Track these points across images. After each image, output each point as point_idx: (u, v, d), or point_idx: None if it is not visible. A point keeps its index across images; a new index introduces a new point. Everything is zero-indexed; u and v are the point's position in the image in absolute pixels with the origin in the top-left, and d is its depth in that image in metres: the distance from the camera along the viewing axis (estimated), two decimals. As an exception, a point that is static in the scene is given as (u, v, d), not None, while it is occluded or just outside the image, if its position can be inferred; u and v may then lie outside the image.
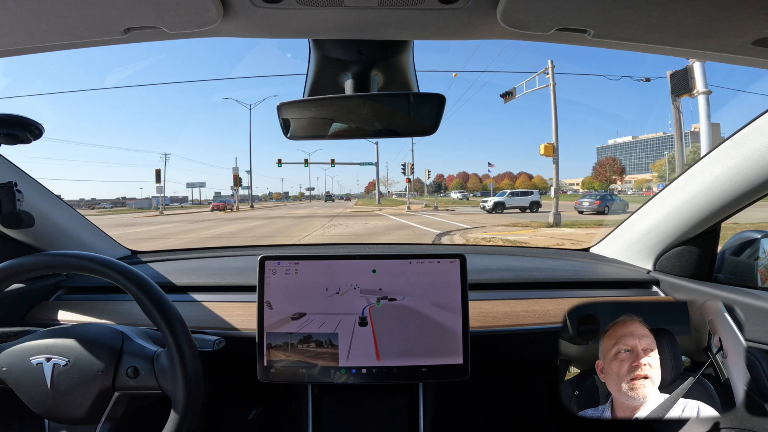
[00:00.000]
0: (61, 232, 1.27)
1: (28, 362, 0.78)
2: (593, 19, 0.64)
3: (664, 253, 1.26)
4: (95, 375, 0.77)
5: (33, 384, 0.78)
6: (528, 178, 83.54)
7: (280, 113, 0.85)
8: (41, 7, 0.59)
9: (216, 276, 1.27)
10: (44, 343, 0.80)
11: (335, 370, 0.97)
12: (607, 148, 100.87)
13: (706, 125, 10.49)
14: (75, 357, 0.78)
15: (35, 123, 0.85)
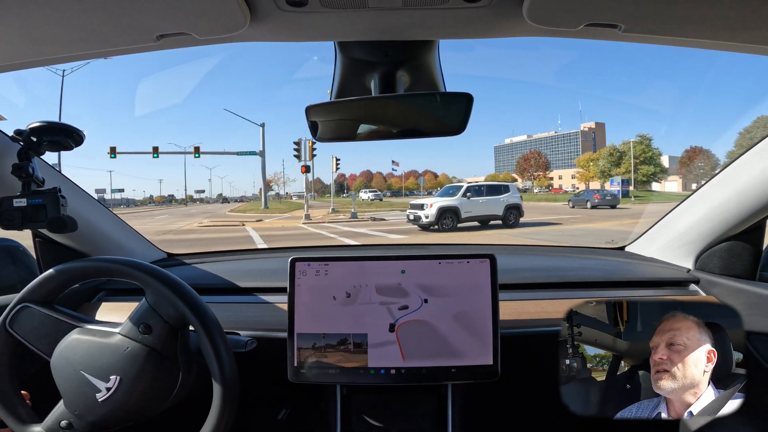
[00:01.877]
0: (102, 236, 1.32)
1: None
2: (624, 13, 0.62)
3: (706, 251, 1.21)
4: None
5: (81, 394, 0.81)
6: (433, 177, 76.44)
7: (308, 115, 0.86)
8: (81, 17, 0.62)
9: (248, 277, 1.29)
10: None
11: (364, 370, 0.98)
12: (504, 147, 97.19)
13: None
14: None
15: (77, 130, 0.89)
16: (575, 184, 59.91)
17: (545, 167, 64.51)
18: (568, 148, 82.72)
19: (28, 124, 0.87)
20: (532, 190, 58.72)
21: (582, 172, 52.11)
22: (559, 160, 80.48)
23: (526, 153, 68.08)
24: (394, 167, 65.73)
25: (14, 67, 0.76)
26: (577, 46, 66.03)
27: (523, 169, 64.25)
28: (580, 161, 54.21)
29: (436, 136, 0.89)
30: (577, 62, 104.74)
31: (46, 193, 0.88)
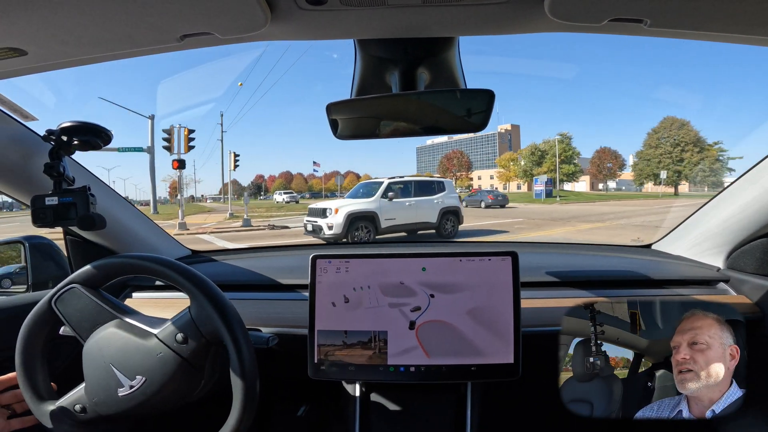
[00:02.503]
0: (129, 233, 1.35)
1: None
2: (650, 7, 0.60)
3: (736, 249, 1.17)
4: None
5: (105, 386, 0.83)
6: (356, 178, 71.42)
7: (329, 113, 0.86)
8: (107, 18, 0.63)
9: (270, 274, 1.31)
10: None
11: (384, 368, 0.98)
12: (426, 148, 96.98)
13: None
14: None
15: (105, 129, 0.92)
16: (494, 184, 59.54)
17: (468, 167, 63.88)
18: (486, 150, 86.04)
19: (59, 124, 0.90)
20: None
21: (503, 172, 51.89)
22: (478, 161, 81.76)
23: (449, 152, 66.83)
24: (315, 168, 64.46)
25: (42, 69, 0.79)
26: (491, 50, 64.99)
27: (446, 168, 62.79)
28: (501, 161, 53.60)
29: (458, 133, 0.89)
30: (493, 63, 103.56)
31: (76, 192, 0.90)
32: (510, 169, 50.48)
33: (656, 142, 43.35)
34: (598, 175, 51.86)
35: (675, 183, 41.68)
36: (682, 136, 42.16)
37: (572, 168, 46.14)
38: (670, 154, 42.10)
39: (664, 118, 44.37)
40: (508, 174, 50.85)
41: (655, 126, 44.51)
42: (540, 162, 47.20)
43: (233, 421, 0.77)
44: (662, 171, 40.14)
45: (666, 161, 42.04)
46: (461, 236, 10.69)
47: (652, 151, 43.21)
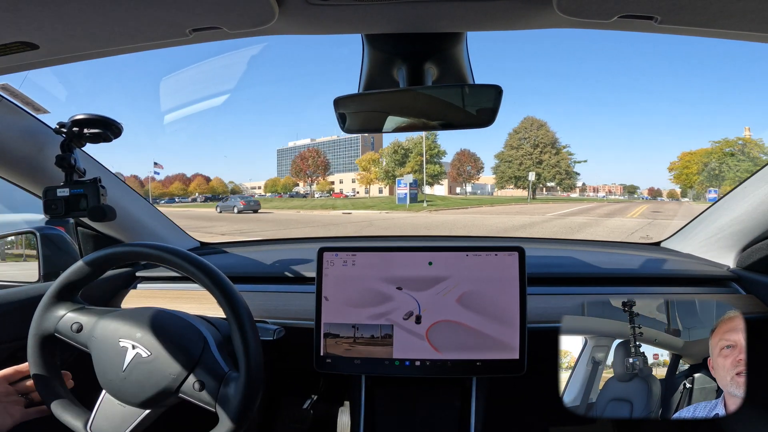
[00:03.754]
0: (139, 224, 1.37)
1: (116, 342, 0.82)
2: (661, 4, 0.59)
3: (747, 248, 1.15)
4: (167, 376, 0.79)
5: (110, 362, 0.82)
6: (205, 181, 69.26)
7: (336, 108, 0.86)
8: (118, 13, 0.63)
9: (278, 266, 1.32)
10: (135, 330, 0.83)
11: (389, 362, 0.98)
12: (288, 150, 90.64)
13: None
14: (156, 353, 0.80)
15: (116, 122, 0.93)
16: (356, 188, 56.45)
17: (325, 168, 57.92)
18: (350, 152, 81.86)
19: (71, 117, 0.91)
20: (313, 195, 54.25)
21: (364, 174, 48.10)
22: (341, 164, 78.27)
23: (303, 152, 60.74)
24: (156, 170, 56.50)
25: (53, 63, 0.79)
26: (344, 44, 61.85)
27: (299, 169, 57.16)
28: (362, 162, 48.94)
29: (465, 128, 0.88)
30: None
31: (87, 184, 0.91)
32: (371, 171, 47.05)
33: (517, 142, 43.44)
34: (457, 178, 50.78)
35: (535, 186, 41.08)
36: (541, 137, 42.71)
37: (438, 168, 43.69)
38: (531, 155, 42.67)
39: (525, 118, 44.76)
40: (368, 176, 47.41)
41: (516, 126, 45.00)
42: (403, 161, 43.97)
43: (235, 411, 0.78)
44: (531, 173, 39.33)
45: (527, 162, 42.42)
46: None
47: (513, 153, 43.44)
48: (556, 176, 42.41)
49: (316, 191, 57.33)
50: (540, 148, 42.15)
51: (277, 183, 60.65)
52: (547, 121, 49.39)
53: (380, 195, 47.91)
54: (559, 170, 42.21)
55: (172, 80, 32.35)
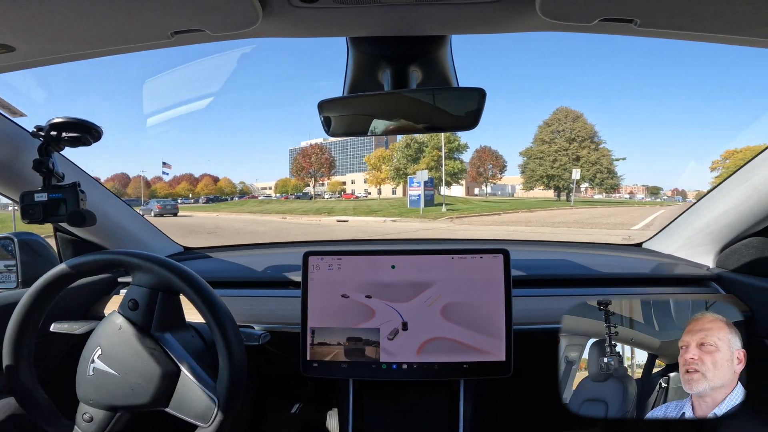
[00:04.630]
0: (120, 229, 1.34)
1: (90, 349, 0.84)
2: (640, 7, 0.61)
3: (726, 248, 1.18)
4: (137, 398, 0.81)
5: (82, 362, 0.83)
6: (212, 182, 66.91)
7: (321, 111, 0.86)
8: (96, 14, 0.62)
9: (263, 271, 1.31)
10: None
11: (376, 365, 0.98)
12: (300, 150, 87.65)
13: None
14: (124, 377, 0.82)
15: (95, 126, 0.91)
16: (368, 188, 51.26)
17: (329, 166, 51.45)
18: (362, 151, 76.31)
19: (48, 120, 0.89)
20: (323, 196, 50.29)
21: (374, 173, 41.59)
22: (354, 164, 75.26)
23: (306, 148, 54.00)
24: (164, 170, 53.91)
25: (32, 65, 0.78)
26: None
27: (301, 167, 51.14)
28: (371, 160, 42.22)
29: (450, 131, 0.90)
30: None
31: (66, 188, 0.89)
32: (381, 169, 40.43)
33: (550, 136, 35.94)
34: (477, 177, 43.82)
35: (568, 187, 34.32)
36: (578, 130, 35.14)
37: (458, 165, 36.38)
38: (566, 151, 35.07)
39: (558, 108, 36.88)
40: (379, 176, 40.89)
41: (548, 118, 36.61)
42: (417, 157, 36.86)
43: (219, 417, 0.77)
44: (575, 170, 31.42)
45: (562, 159, 34.90)
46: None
47: (545, 148, 35.61)
48: (597, 175, 35.07)
49: (327, 192, 53.46)
50: (577, 143, 34.80)
51: (288, 183, 57.52)
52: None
53: (393, 196, 42.02)
54: (599, 168, 34.96)
55: (176, 75, 31.01)
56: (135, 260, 0.83)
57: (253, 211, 26.69)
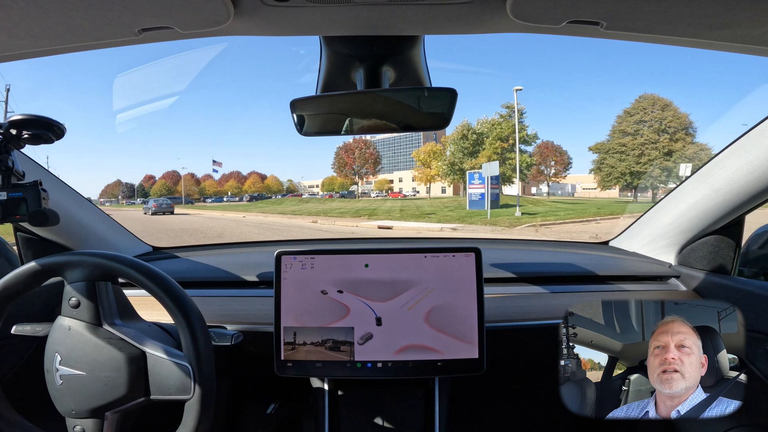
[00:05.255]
0: (85, 229, 1.30)
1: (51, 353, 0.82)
2: (606, 10, 0.63)
3: (686, 246, 1.23)
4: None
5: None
6: (260, 179, 65.47)
7: (293, 110, 0.86)
8: (58, 9, 0.61)
9: (235, 270, 1.29)
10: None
11: (351, 364, 0.98)
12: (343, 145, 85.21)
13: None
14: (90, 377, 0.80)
15: (58, 123, 0.88)
16: (416, 187, 49.41)
17: (375, 161, 46.58)
18: (409, 148, 74.08)
19: (7, 117, 0.85)
20: (369, 195, 48.02)
21: (423, 170, 37.38)
22: (402, 161, 73.89)
23: (348, 142, 48.22)
24: (215, 168, 52.33)
25: None
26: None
27: (344, 164, 46.92)
28: (420, 155, 37.49)
29: (422, 130, 0.90)
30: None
31: (26, 187, 0.86)
32: (432, 166, 36.18)
33: (633, 127, 29.88)
34: (538, 175, 39.69)
35: (655, 186, 28.95)
36: (669, 120, 28.86)
37: (528, 159, 30.72)
38: (655, 144, 28.90)
39: (641, 96, 30.59)
40: (428, 173, 36.60)
41: (629, 107, 30.47)
42: (475, 150, 31.29)
43: (192, 421, 0.76)
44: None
45: (651, 153, 28.84)
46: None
47: (628, 141, 29.61)
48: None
49: (374, 190, 51.52)
50: (669, 135, 28.74)
51: (335, 181, 54.70)
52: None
53: (442, 195, 39.90)
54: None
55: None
56: (60, 259, 0.83)
57: (285, 212, 23.24)
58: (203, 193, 60.38)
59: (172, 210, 25.06)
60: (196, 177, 65.85)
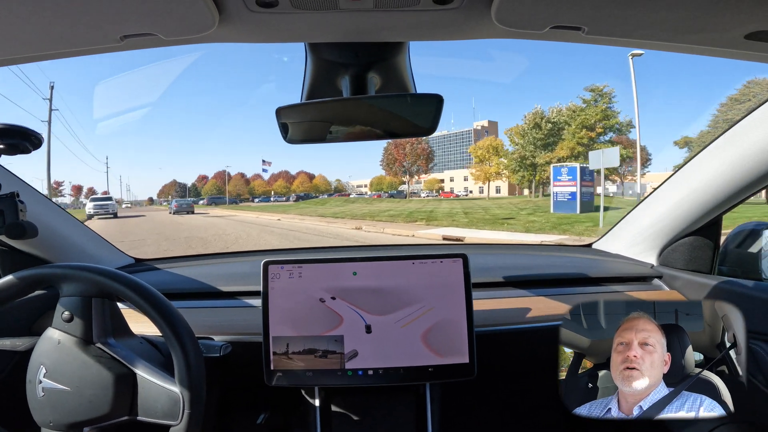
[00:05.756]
0: (65, 241, 1.27)
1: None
2: (587, 16, 0.64)
3: (667, 247, 1.26)
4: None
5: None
6: (308, 179, 64.00)
7: (278, 117, 0.85)
8: (39, 16, 0.59)
9: (221, 281, 1.27)
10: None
11: (341, 372, 0.98)
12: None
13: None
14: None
15: (35, 133, 0.85)
16: (468, 186, 46.15)
17: (427, 158, 41.51)
18: (462, 148, 70.64)
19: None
20: (419, 195, 43.43)
21: (481, 167, 32.62)
22: (451, 160, 71.66)
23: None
24: (264, 167, 51.30)
25: None
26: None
27: (393, 160, 41.49)
28: (477, 151, 32.84)
29: (408, 137, 0.90)
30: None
31: (3, 198, 0.84)
32: (492, 162, 31.32)
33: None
34: (610, 174, 29.27)
35: None
36: None
37: (623, 151, 21.71)
38: None
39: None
40: (487, 170, 31.74)
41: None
42: (550, 142, 26.61)
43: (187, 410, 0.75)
44: None
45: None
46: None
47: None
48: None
49: (423, 190, 46.75)
50: None
51: (383, 181, 52.83)
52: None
53: (498, 195, 35.17)
54: None
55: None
56: (58, 271, 0.80)
57: (325, 215, 19.20)
58: (252, 193, 59.95)
59: (192, 210, 25.76)
60: (245, 177, 65.07)
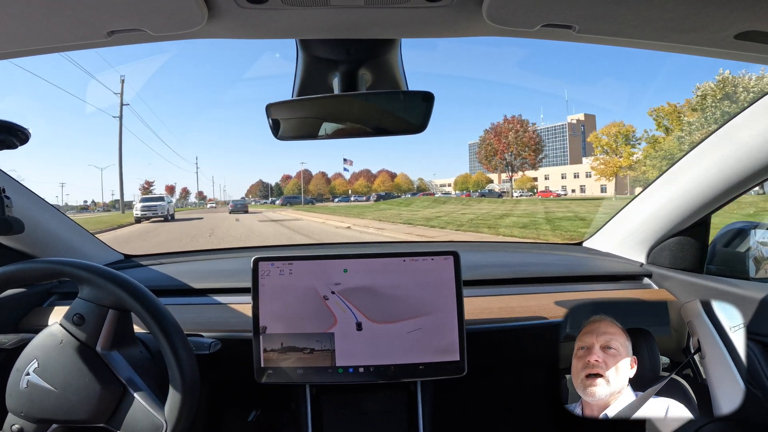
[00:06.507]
0: (52, 237, 1.26)
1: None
2: (578, 14, 0.64)
3: (656, 246, 1.27)
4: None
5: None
6: (390, 178, 63.38)
7: (269, 114, 0.85)
8: (24, 11, 0.58)
9: (211, 278, 1.26)
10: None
11: (332, 369, 0.97)
12: (491, 128, 79.85)
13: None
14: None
15: (21, 128, 0.84)
16: (566, 184, 42.06)
17: (536, 147, 34.66)
18: (554, 144, 66.38)
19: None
20: (510, 194, 37.17)
21: (604, 160, 26.68)
22: (544, 156, 70.21)
23: (499, 124, 35.44)
24: (345, 166, 51.29)
25: None
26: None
27: (493, 152, 34.66)
28: (601, 140, 27.02)
29: (398, 135, 0.89)
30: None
31: None
32: (619, 152, 26.01)
33: None
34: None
35: None
36: None
37: None
38: None
39: None
40: (616, 162, 26.28)
41: None
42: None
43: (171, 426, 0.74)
44: None
45: None
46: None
47: None
48: None
49: (515, 189, 40.50)
50: None
51: (468, 179, 51.92)
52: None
53: (603, 195, 30.16)
54: None
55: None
56: (84, 273, 0.78)
57: (414, 221, 14.79)
58: (333, 192, 60.76)
59: (246, 209, 27.03)
60: (327, 176, 66.39)
